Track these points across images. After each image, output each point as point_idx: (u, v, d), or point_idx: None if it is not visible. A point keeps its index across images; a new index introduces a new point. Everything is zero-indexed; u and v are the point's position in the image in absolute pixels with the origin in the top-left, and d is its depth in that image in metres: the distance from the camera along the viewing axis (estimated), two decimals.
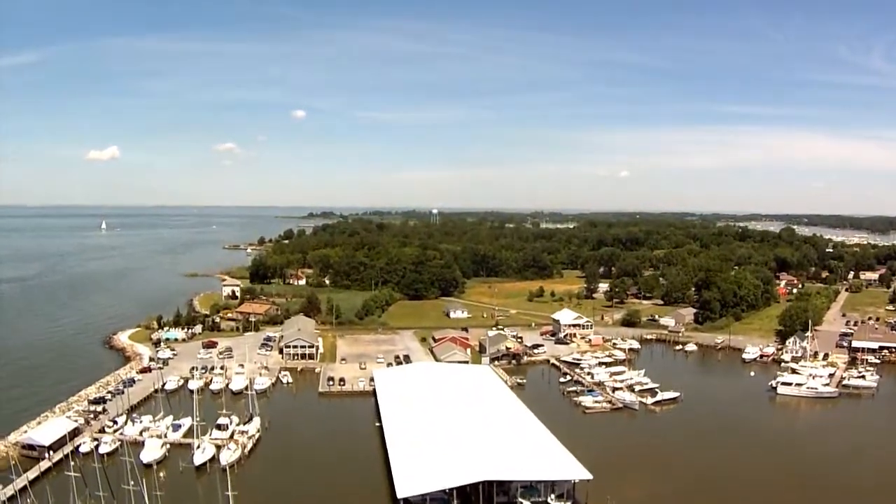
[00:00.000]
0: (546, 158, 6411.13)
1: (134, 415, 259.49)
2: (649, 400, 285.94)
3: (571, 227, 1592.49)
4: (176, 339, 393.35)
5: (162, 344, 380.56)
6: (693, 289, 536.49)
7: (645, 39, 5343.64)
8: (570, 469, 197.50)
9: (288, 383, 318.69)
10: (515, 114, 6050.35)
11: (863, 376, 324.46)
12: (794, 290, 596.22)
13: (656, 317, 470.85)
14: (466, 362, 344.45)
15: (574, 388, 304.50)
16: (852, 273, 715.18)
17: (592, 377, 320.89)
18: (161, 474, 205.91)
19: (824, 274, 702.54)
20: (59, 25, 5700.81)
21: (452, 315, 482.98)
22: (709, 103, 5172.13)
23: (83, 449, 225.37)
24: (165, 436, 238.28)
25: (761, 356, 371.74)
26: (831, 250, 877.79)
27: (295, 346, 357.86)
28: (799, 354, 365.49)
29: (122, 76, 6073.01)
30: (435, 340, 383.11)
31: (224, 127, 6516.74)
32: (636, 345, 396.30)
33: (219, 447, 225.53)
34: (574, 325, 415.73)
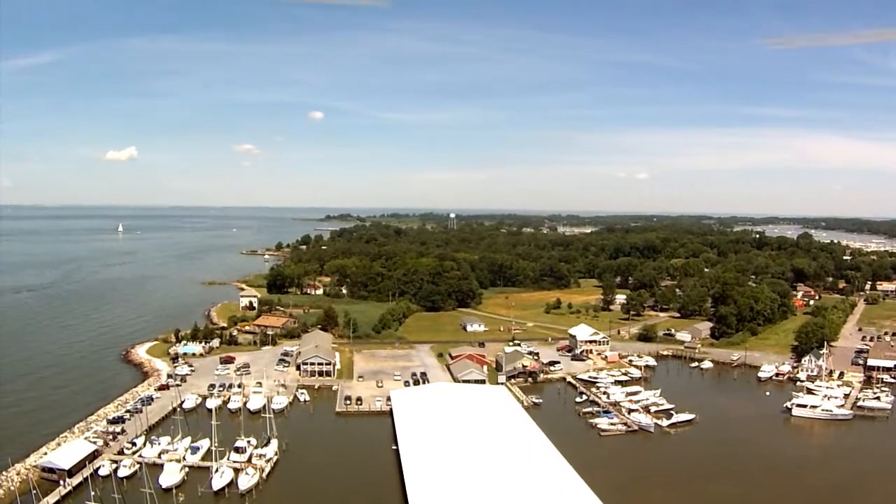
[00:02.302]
0: (564, 160, 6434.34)
1: (152, 436, 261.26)
2: (665, 422, 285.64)
3: (588, 231, 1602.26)
4: (193, 354, 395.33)
5: (180, 359, 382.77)
6: (710, 301, 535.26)
7: (664, 40, 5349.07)
8: (585, 502, 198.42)
9: (305, 401, 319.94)
10: (533, 115, 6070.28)
11: (878, 397, 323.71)
12: (811, 302, 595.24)
13: (672, 331, 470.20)
14: (483, 381, 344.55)
15: (590, 409, 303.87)
16: (869, 283, 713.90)
17: (608, 397, 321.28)
18: (180, 498, 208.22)
19: (841, 284, 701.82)
20: (77, 26, 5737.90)
21: (469, 329, 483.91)
22: (728, 105, 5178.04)
23: (102, 472, 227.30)
24: (184, 458, 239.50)
25: (777, 374, 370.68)
26: (848, 258, 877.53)
27: (312, 363, 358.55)
28: (815, 373, 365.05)
29: (141, 76, 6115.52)
30: (452, 357, 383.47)
31: (242, 127, 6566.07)
32: (652, 361, 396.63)
33: (237, 471, 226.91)
34: (590, 342, 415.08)
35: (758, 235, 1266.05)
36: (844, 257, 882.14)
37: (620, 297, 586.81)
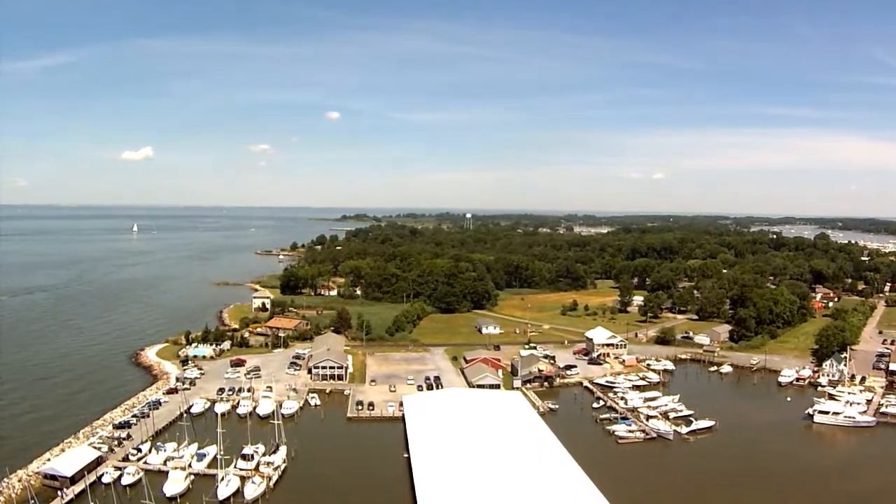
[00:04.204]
0: (579, 160, 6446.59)
1: (158, 442, 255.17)
2: (684, 429, 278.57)
3: (605, 231, 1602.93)
4: (203, 357, 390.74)
5: (189, 362, 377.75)
6: (728, 303, 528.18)
7: (679, 41, 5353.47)
8: None
9: (316, 406, 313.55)
10: (549, 115, 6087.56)
11: None
12: (830, 304, 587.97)
13: (691, 334, 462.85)
14: (498, 385, 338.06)
15: (607, 416, 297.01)
16: (889, 285, 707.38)
17: (626, 402, 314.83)
18: None
19: (860, 286, 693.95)
20: (93, 27, 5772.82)
21: (484, 331, 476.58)
22: (743, 105, 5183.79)
23: (106, 479, 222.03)
24: (190, 465, 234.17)
25: (797, 379, 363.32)
26: (866, 259, 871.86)
27: (324, 367, 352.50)
28: (836, 378, 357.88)
29: (157, 77, 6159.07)
30: (466, 361, 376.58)
31: (258, 128, 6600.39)
32: (670, 366, 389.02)
33: (243, 479, 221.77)
34: (608, 345, 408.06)
35: (775, 236, 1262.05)
36: (862, 258, 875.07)
37: (638, 299, 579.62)
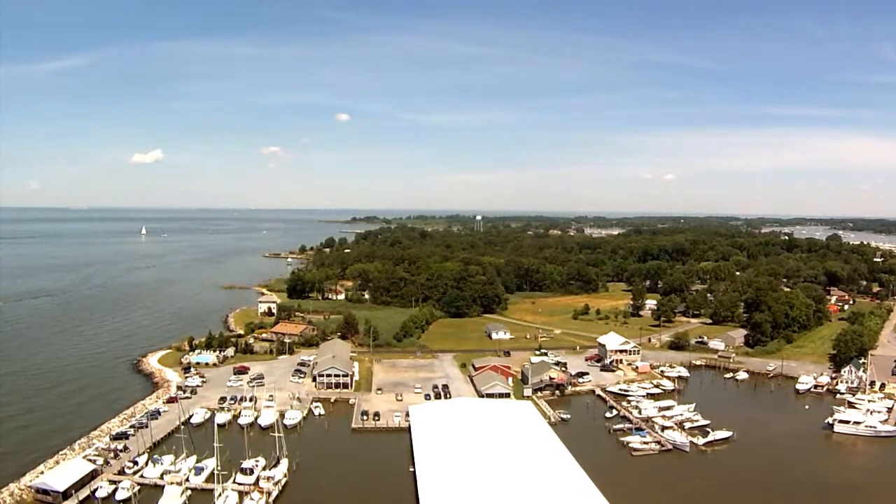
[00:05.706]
0: (591, 161, 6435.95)
1: (155, 455, 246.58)
2: (700, 440, 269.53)
3: (616, 233, 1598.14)
4: (206, 364, 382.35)
5: (192, 369, 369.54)
6: (742, 307, 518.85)
7: (690, 41, 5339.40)
8: None
9: (320, 415, 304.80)
10: (560, 116, 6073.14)
11: None
12: (846, 307, 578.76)
13: (705, 338, 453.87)
14: (508, 394, 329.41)
15: (620, 426, 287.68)
16: None
17: (640, 412, 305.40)
18: None
19: (875, 288, 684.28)
20: (103, 30, 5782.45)
21: (494, 336, 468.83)
22: (755, 105, 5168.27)
23: (100, 494, 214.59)
24: (187, 480, 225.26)
25: (815, 386, 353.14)
26: (879, 260, 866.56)
27: (329, 375, 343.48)
28: (855, 385, 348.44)
29: (168, 79, 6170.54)
30: (475, 368, 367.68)
31: (269, 130, 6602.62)
32: (685, 372, 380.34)
33: (242, 495, 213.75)
34: (620, 351, 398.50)
35: (787, 237, 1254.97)
36: (876, 259, 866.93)
37: (650, 303, 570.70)
